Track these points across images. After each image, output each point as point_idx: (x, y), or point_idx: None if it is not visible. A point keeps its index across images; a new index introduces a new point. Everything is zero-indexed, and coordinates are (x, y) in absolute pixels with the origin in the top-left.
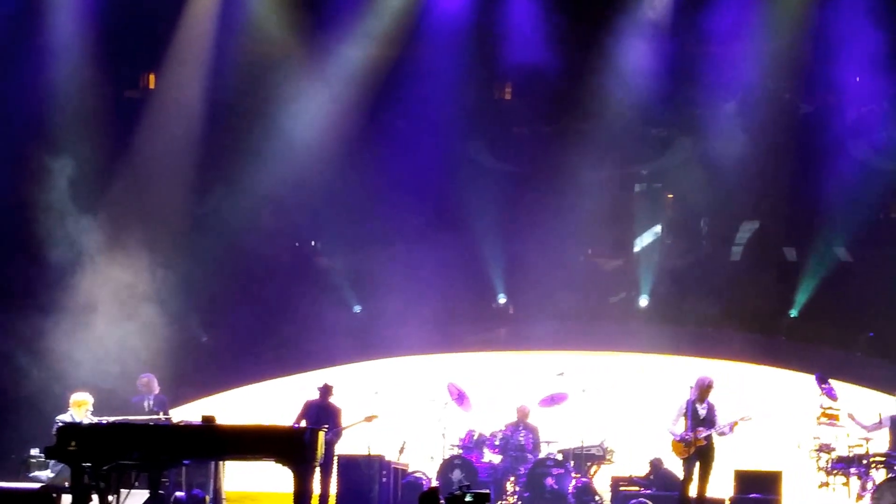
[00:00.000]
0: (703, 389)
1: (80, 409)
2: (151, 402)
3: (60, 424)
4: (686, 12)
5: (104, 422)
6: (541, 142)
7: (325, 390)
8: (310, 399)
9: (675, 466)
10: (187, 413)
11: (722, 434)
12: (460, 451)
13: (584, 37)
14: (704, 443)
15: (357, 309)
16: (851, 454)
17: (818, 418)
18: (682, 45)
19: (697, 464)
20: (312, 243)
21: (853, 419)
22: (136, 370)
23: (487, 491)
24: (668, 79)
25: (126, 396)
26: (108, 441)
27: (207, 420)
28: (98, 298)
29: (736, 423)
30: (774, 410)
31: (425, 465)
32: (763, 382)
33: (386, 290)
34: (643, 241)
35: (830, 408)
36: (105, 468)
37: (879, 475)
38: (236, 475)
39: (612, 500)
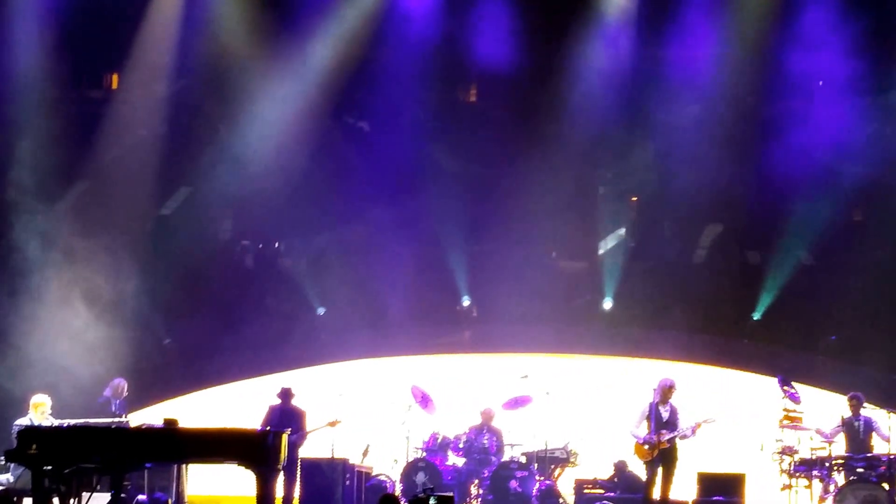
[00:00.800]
0: (665, 391)
1: (38, 410)
2: (117, 406)
3: (20, 427)
4: (650, 16)
5: (65, 425)
6: (505, 144)
7: (286, 394)
8: (273, 403)
9: (639, 469)
10: (149, 416)
11: (684, 437)
12: (424, 454)
13: (549, 40)
14: (668, 445)
15: (321, 311)
16: (814, 457)
17: (781, 421)
18: (646, 49)
19: (660, 467)
20: (276, 245)
21: (821, 433)
22: (98, 372)
23: (451, 494)
24: (632, 82)
25: (88, 398)
26: (69, 444)
27: (169, 423)
28: (59, 300)
29: (698, 426)
30: (737, 413)
31: (389, 468)
32: (726, 385)
33: (350, 292)
34: (607, 243)
35: (793, 410)
36: (66, 471)
37: (841, 477)
38: (199, 479)
39: (575, 503)
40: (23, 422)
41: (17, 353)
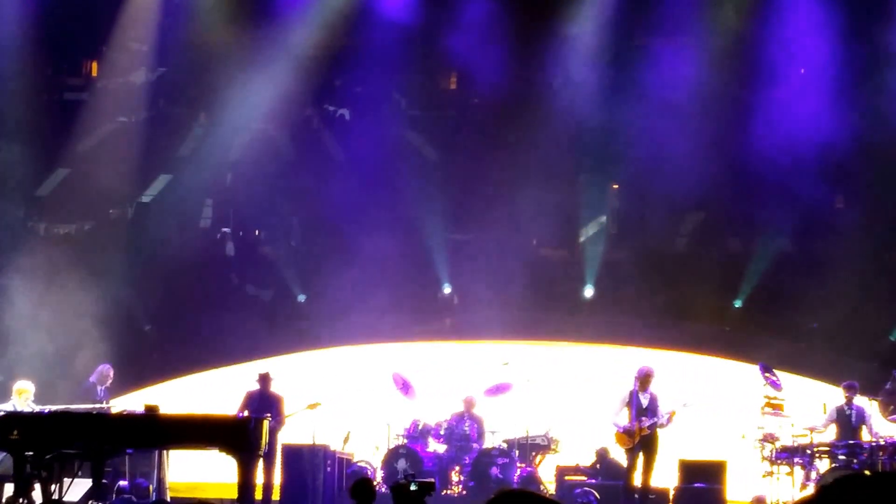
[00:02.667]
0: (644, 379)
1: (21, 397)
2: (102, 392)
3: (2, 413)
4: (631, 5)
5: (46, 410)
6: (485, 131)
7: (264, 379)
8: (250, 389)
9: (621, 456)
10: (131, 402)
11: (661, 426)
12: (405, 440)
13: (530, 27)
14: (648, 432)
15: (302, 298)
16: (795, 444)
17: (762, 408)
18: (628, 38)
19: (641, 454)
20: (256, 232)
21: (813, 429)
22: (80, 359)
23: (433, 480)
24: (613, 69)
25: (69, 385)
26: (50, 430)
27: (150, 409)
28: (41, 287)
29: (673, 413)
30: (719, 400)
31: (370, 454)
32: (707, 372)
33: (331, 279)
34: (588, 231)
35: (775, 398)
36: (47, 457)
37: (823, 465)
38: (181, 465)
39: (557, 490)
40: (6, 407)
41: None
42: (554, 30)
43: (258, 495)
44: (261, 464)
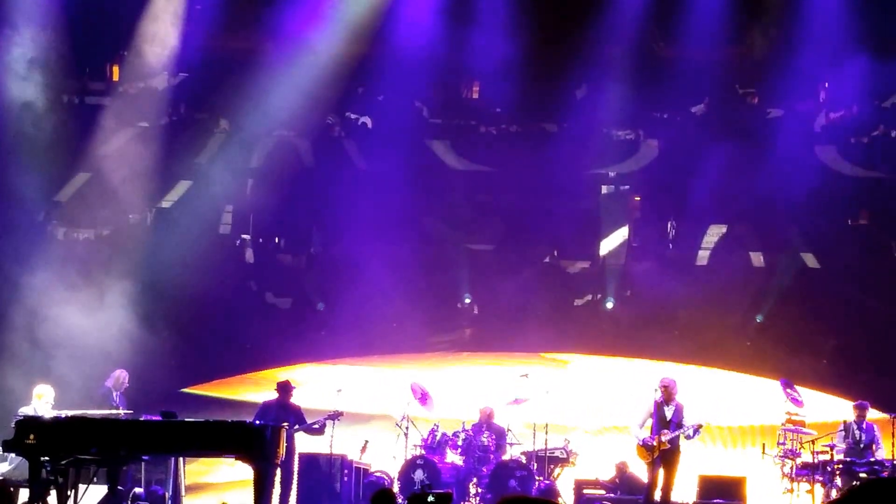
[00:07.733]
0: (667, 390)
1: (41, 400)
2: (118, 397)
3: (19, 417)
4: (654, 16)
5: (63, 415)
6: (507, 142)
7: (284, 388)
8: (267, 399)
9: (641, 470)
10: (148, 408)
11: (688, 437)
12: (423, 451)
13: (551, 38)
14: (668, 446)
15: (321, 306)
16: (816, 461)
17: (783, 424)
18: (651, 49)
19: (661, 468)
20: (276, 240)
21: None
22: (98, 364)
23: (450, 492)
24: (635, 81)
25: (88, 392)
26: (66, 435)
27: (167, 416)
28: (59, 292)
29: (700, 426)
30: (739, 416)
31: (387, 464)
32: (728, 387)
33: (350, 288)
34: (609, 243)
35: (796, 414)
36: (63, 463)
37: (843, 482)
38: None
39: (575, 503)
40: (26, 411)
41: (20, 345)
42: (575, 42)
43: None
44: (278, 472)
